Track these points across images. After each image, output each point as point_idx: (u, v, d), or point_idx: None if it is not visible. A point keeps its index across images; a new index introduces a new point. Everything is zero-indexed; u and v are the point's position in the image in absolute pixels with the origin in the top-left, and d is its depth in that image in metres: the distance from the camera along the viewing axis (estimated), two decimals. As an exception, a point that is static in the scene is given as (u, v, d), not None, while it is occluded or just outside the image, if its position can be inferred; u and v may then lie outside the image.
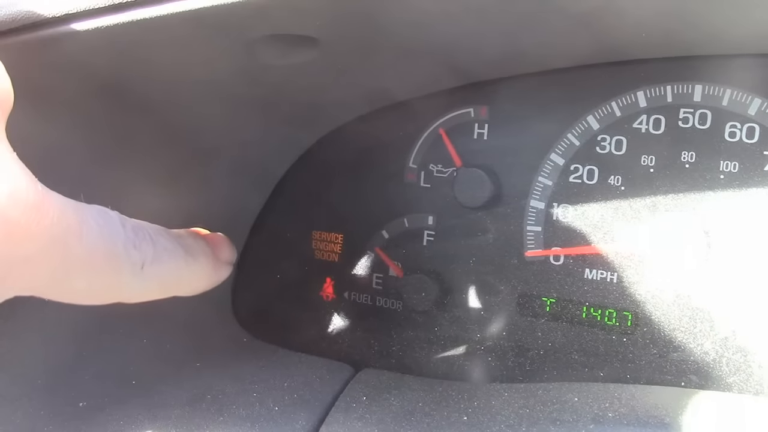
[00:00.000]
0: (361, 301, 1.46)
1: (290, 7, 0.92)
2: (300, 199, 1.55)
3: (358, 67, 1.24)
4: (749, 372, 1.19)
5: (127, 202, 0.90)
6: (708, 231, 1.23)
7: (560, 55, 1.28)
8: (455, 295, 1.42)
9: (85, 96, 1.09)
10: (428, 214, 1.46)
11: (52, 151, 1.09)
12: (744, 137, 1.23)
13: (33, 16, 0.91)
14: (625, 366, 1.25)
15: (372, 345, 1.40)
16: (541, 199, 1.36)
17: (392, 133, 1.48)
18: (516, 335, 1.38)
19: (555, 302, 1.35)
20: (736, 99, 1.23)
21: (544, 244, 1.36)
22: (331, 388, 1.21)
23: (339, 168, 1.52)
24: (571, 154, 1.34)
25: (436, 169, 1.46)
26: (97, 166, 1.20)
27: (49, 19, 0.91)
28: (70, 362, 1.19)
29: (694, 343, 1.25)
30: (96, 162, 1.20)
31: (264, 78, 1.19)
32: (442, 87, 1.41)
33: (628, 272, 1.30)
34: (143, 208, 1.27)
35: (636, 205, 1.29)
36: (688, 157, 1.26)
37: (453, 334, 1.40)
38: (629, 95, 1.30)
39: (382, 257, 1.47)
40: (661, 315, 1.28)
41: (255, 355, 1.32)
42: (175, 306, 1.35)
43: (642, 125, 1.29)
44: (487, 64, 1.30)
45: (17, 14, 0.91)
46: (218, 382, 1.21)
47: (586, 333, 1.33)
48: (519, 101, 1.38)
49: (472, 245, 1.41)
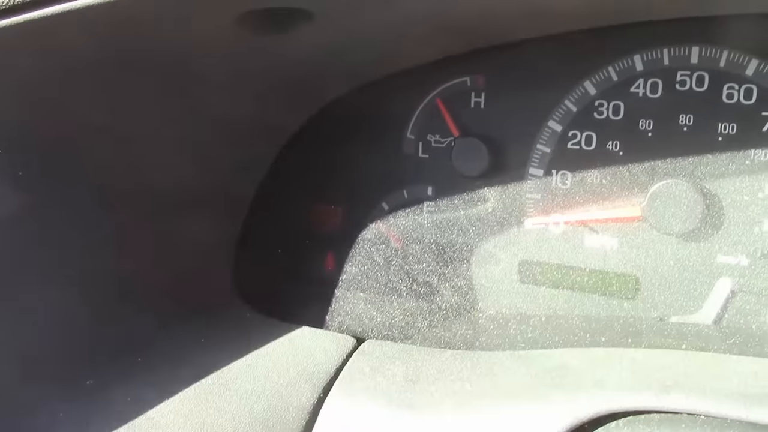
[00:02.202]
0: (363, 273, 1.46)
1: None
2: (299, 174, 1.54)
3: (354, 39, 1.23)
4: (749, 333, 1.20)
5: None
6: (707, 194, 1.23)
7: (556, 19, 1.27)
8: (456, 264, 1.42)
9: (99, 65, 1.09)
10: (427, 185, 1.46)
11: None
12: (742, 98, 1.22)
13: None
14: (626, 330, 1.25)
15: (374, 317, 1.40)
16: (540, 167, 1.36)
17: (389, 105, 1.47)
18: (517, 303, 1.39)
19: (556, 269, 1.36)
20: (733, 60, 1.22)
21: (543, 211, 1.36)
22: (335, 361, 1.22)
23: (337, 141, 1.51)
24: (569, 120, 1.34)
25: (434, 140, 1.45)
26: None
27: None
28: (75, 341, 1.20)
29: (694, 306, 1.26)
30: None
31: (261, 51, 1.18)
32: (438, 56, 1.40)
33: (628, 237, 1.30)
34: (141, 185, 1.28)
35: (634, 169, 1.29)
36: (686, 120, 1.25)
37: (455, 303, 1.41)
38: (626, 59, 1.29)
39: (383, 229, 1.47)
40: (661, 279, 1.28)
41: (258, 330, 1.32)
42: (177, 283, 1.37)
43: (639, 89, 1.29)
44: (485, 28, 1.29)
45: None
46: (223, 358, 1.21)
47: (587, 299, 1.33)
48: (515, 69, 1.37)
49: (471, 214, 1.41)
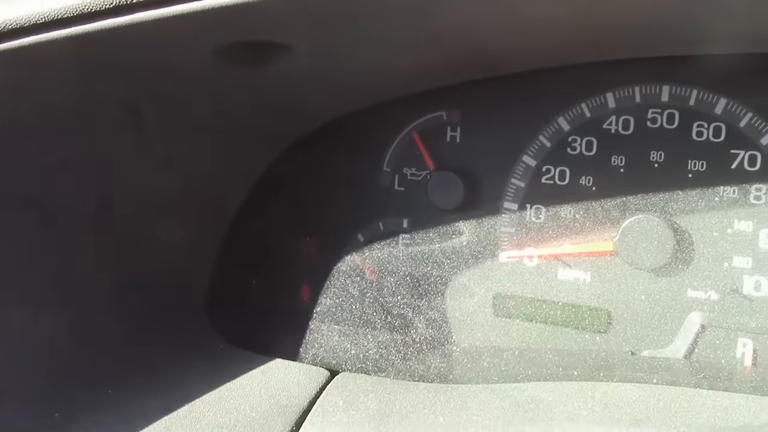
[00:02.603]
0: (337, 305, 1.46)
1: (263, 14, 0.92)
2: (276, 204, 1.55)
3: (332, 73, 1.24)
4: (719, 368, 1.21)
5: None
6: (677, 229, 1.25)
7: (532, 57, 1.30)
8: (431, 297, 1.43)
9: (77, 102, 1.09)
10: (403, 217, 1.47)
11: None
12: (711, 136, 1.25)
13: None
14: (598, 364, 1.26)
15: (348, 349, 1.40)
16: (515, 201, 1.38)
17: (366, 137, 1.48)
18: (491, 336, 1.39)
19: (529, 302, 1.36)
20: (702, 99, 1.25)
21: (518, 245, 1.38)
22: (308, 393, 1.21)
23: (313, 172, 1.52)
24: (543, 155, 1.35)
25: (410, 173, 1.46)
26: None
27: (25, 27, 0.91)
28: (44, 373, 1.18)
29: (665, 341, 1.27)
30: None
31: (239, 84, 1.19)
32: (414, 90, 1.41)
33: (601, 271, 1.32)
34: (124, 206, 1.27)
35: (607, 205, 1.31)
36: (657, 157, 1.28)
37: (429, 336, 1.41)
38: (598, 96, 1.31)
39: (358, 261, 1.47)
40: (633, 313, 1.30)
41: (232, 362, 1.31)
42: (149, 314, 1.36)
43: (612, 126, 1.31)
44: (463, 64, 1.31)
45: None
46: (195, 389, 1.20)
47: (560, 332, 1.34)
48: (491, 104, 1.39)
49: (446, 247, 1.42)
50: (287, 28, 0.99)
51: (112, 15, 0.89)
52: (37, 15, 0.89)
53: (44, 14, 0.89)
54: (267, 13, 0.91)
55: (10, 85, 1.02)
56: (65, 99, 1.09)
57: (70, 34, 0.89)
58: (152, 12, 0.89)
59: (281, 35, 1.01)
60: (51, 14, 0.89)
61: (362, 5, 0.96)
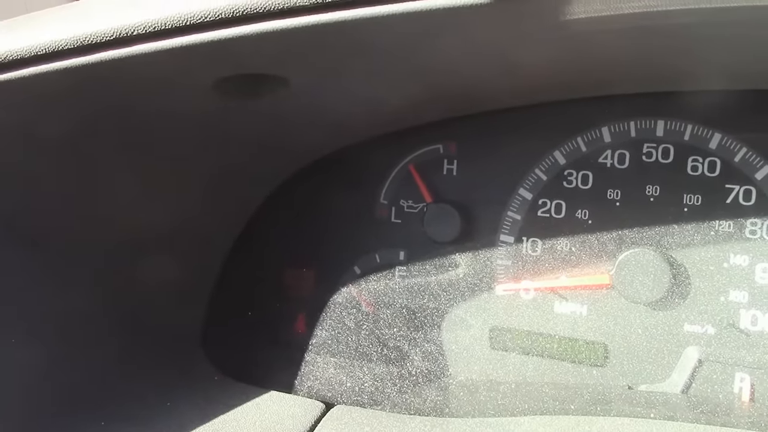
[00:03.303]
0: (333, 337, 1.46)
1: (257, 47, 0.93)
2: (271, 236, 1.55)
3: (329, 106, 1.25)
4: (716, 403, 1.20)
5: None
6: (673, 263, 1.25)
7: (525, 94, 1.31)
8: (427, 329, 1.42)
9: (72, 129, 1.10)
10: (399, 250, 1.47)
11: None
12: (706, 171, 1.26)
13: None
14: (595, 398, 1.25)
15: (343, 382, 1.39)
16: (511, 234, 1.38)
17: (363, 169, 1.49)
18: (488, 369, 1.38)
19: (526, 335, 1.36)
20: (697, 134, 1.26)
21: (514, 278, 1.38)
22: (303, 426, 1.20)
23: (310, 204, 1.52)
24: (539, 188, 1.36)
25: (406, 205, 1.47)
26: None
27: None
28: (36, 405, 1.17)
29: (662, 375, 1.27)
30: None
31: (237, 115, 1.20)
32: (410, 124, 1.42)
33: (597, 305, 1.32)
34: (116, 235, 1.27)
35: (603, 238, 1.31)
36: (653, 191, 1.28)
37: (425, 369, 1.40)
38: (594, 131, 1.32)
39: (354, 293, 1.47)
40: (629, 347, 1.29)
41: (226, 394, 1.30)
42: (144, 345, 1.35)
43: (607, 160, 1.32)
44: (460, 99, 1.33)
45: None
46: (188, 421, 1.19)
47: (557, 366, 1.33)
48: (487, 137, 1.40)
49: (443, 280, 1.42)
50: (281, 61, 1.00)
51: (111, 47, 0.90)
52: (37, 47, 0.90)
53: (44, 46, 0.90)
54: (261, 47, 0.92)
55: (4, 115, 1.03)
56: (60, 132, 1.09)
57: (68, 66, 0.90)
58: (150, 45, 0.90)
59: (275, 68, 1.02)
60: (51, 46, 0.90)
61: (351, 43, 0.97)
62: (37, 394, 1.18)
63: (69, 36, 0.90)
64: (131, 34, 0.89)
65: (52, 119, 1.06)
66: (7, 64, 0.92)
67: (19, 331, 1.17)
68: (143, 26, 0.89)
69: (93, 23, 0.90)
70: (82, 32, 0.90)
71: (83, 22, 0.91)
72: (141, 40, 0.89)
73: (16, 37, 0.93)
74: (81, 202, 1.23)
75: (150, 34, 0.89)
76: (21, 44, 0.91)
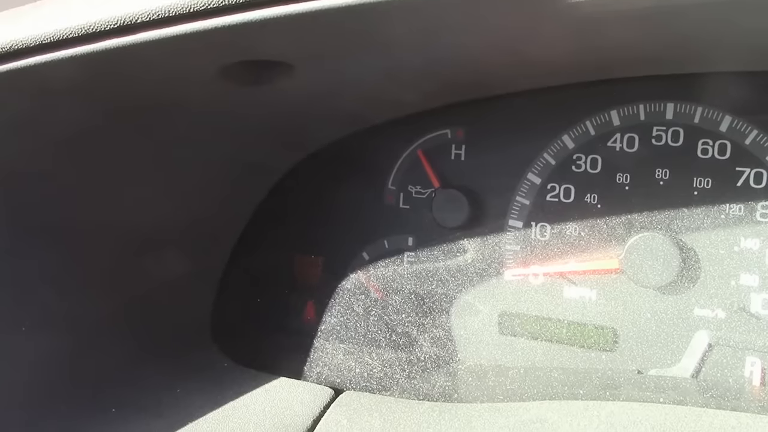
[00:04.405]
0: (342, 323, 1.46)
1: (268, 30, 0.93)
2: (280, 223, 1.55)
3: (335, 92, 1.25)
4: (726, 387, 1.20)
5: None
6: (683, 247, 1.25)
7: (535, 77, 1.30)
8: (435, 315, 1.42)
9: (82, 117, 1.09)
10: (408, 235, 1.46)
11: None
12: (716, 154, 1.25)
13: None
14: (604, 383, 1.25)
15: (352, 368, 1.39)
16: (519, 219, 1.37)
17: (371, 156, 1.49)
18: (496, 354, 1.38)
19: (535, 320, 1.36)
20: (707, 116, 1.25)
21: (523, 262, 1.37)
22: (312, 412, 1.21)
23: (318, 191, 1.52)
24: (548, 173, 1.35)
25: (414, 191, 1.46)
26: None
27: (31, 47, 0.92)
28: (48, 393, 1.18)
29: (672, 359, 1.26)
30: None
31: (243, 102, 1.20)
32: (419, 108, 1.42)
33: (606, 289, 1.31)
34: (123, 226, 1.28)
35: (612, 222, 1.30)
36: (662, 175, 1.27)
37: (434, 355, 1.40)
38: (603, 114, 1.31)
39: (363, 279, 1.47)
40: (639, 332, 1.29)
41: (235, 380, 1.31)
42: (154, 332, 1.36)
43: (616, 143, 1.31)
44: (467, 82, 1.32)
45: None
46: (198, 409, 1.20)
47: (566, 351, 1.33)
48: (495, 122, 1.39)
49: (451, 265, 1.42)
50: (287, 47, 0.99)
51: (116, 35, 0.90)
52: (43, 36, 0.90)
53: (49, 35, 0.90)
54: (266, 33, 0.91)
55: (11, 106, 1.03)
56: (66, 123, 1.09)
57: (74, 55, 0.90)
58: (156, 32, 0.89)
59: (281, 54, 1.02)
60: (56, 35, 0.89)
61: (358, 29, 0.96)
62: (49, 383, 1.19)
63: (73, 25, 0.90)
64: (136, 22, 0.88)
65: (59, 111, 1.06)
66: (11, 54, 0.92)
67: (32, 322, 1.18)
68: (148, 14, 0.88)
69: (97, 12, 0.90)
70: (87, 21, 0.89)
71: (88, 10, 0.91)
72: (146, 28, 0.88)
73: (20, 26, 0.93)
74: (91, 193, 1.23)
75: (155, 22, 0.89)
76: (25, 34, 0.91)
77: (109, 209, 1.27)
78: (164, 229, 1.36)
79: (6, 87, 0.96)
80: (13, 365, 1.15)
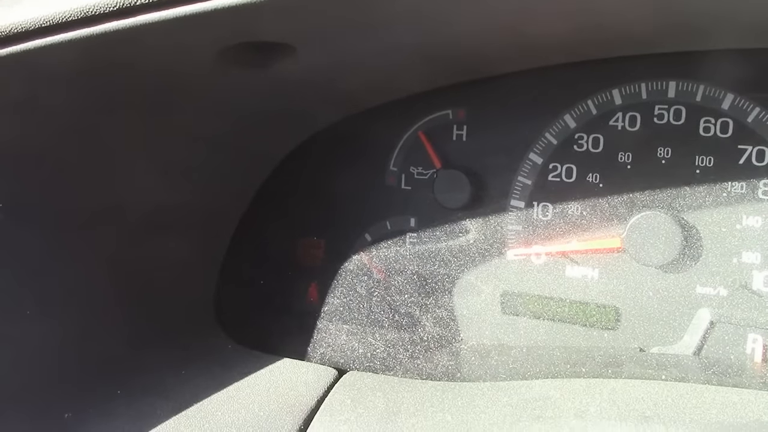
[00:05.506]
0: (345, 304, 1.46)
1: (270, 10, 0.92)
2: (282, 206, 1.55)
3: (336, 73, 1.25)
4: (728, 364, 1.20)
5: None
6: (685, 225, 1.25)
7: (538, 53, 1.30)
8: (438, 295, 1.43)
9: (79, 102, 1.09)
10: (410, 216, 1.47)
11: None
12: (718, 132, 1.24)
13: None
14: (606, 361, 1.25)
15: (355, 348, 1.40)
16: (521, 199, 1.37)
17: (372, 137, 1.48)
18: (499, 334, 1.39)
19: (537, 300, 1.36)
20: (709, 95, 1.25)
21: (525, 242, 1.37)
22: (316, 392, 1.21)
23: (320, 173, 1.52)
24: (550, 153, 1.35)
25: (416, 172, 1.46)
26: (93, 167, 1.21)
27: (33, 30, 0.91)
28: (50, 371, 1.19)
29: (674, 337, 1.27)
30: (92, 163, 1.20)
31: (244, 84, 1.19)
32: (420, 89, 1.41)
33: (609, 268, 1.31)
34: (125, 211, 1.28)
35: (614, 201, 1.30)
36: (664, 153, 1.27)
37: (436, 335, 1.41)
38: (605, 93, 1.31)
39: (365, 260, 1.47)
40: (641, 310, 1.29)
41: (239, 362, 1.31)
42: (157, 314, 1.36)
43: (618, 122, 1.31)
44: (468, 61, 1.31)
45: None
46: (203, 390, 1.20)
47: (568, 329, 1.34)
48: (496, 102, 1.39)
49: (453, 246, 1.42)
50: (289, 28, 0.99)
51: (116, 17, 0.90)
52: (42, 19, 0.90)
53: (48, 18, 0.89)
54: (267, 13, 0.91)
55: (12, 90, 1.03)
56: (66, 106, 1.09)
57: (73, 38, 0.90)
58: (157, 14, 0.89)
59: (284, 35, 1.02)
60: (55, 18, 0.89)
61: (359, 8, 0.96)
62: (55, 366, 1.20)
63: (73, 7, 0.90)
64: (135, 4, 0.88)
65: (58, 95, 1.06)
66: (11, 38, 0.92)
67: (36, 305, 1.18)
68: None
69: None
70: (86, 3, 0.89)
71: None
72: (145, 10, 0.88)
73: (19, 10, 0.93)
74: (93, 178, 1.23)
75: (155, 4, 0.88)
76: (25, 17, 0.91)
77: (111, 193, 1.27)
78: (166, 213, 1.36)
79: (6, 70, 0.96)
80: (19, 349, 1.16)
